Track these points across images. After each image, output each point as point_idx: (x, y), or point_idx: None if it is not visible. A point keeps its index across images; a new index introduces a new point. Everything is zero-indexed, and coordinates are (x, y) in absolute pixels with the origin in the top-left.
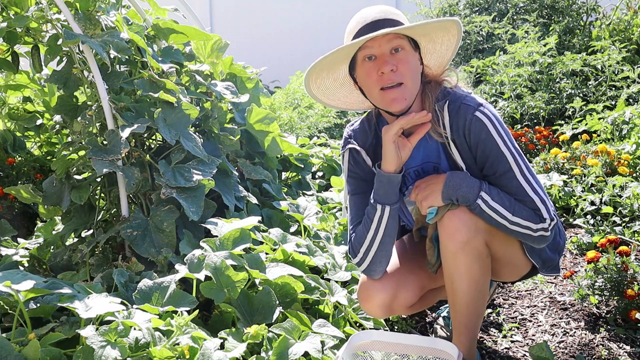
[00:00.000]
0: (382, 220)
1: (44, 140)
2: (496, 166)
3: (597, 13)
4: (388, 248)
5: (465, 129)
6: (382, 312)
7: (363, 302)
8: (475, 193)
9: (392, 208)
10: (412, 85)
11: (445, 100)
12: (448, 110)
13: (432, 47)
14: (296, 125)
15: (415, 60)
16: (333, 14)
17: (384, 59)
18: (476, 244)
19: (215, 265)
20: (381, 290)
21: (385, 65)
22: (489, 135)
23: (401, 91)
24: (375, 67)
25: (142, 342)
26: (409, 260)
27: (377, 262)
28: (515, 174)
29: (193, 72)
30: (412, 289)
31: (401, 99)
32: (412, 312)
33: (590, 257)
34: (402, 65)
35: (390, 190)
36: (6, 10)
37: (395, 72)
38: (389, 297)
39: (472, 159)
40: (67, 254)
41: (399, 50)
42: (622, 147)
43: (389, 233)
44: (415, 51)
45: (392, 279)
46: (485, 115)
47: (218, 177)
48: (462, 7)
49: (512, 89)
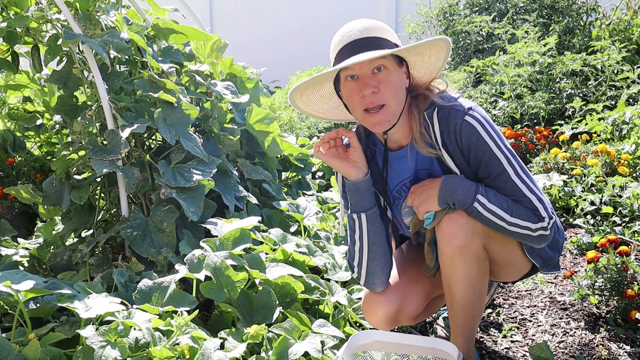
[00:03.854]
0: (362, 229)
1: (44, 140)
2: (490, 169)
3: (597, 13)
4: (380, 258)
5: (456, 134)
6: (388, 325)
7: (368, 315)
8: (472, 196)
9: (367, 214)
10: (395, 105)
11: (434, 107)
12: (437, 117)
13: (421, 59)
14: (296, 125)
15: (399, 77)
16: (333, 14)
17: (365, 81)
18: (473, 247)
19: (215, 265)
20: (386, 304)
21: (365, 87)
22: (480, 138)
23: (384, 113)
24: (357, 87)
25: (142, 342)
26: (410, 269)
27: (372, 273)
28: (510, 175)
29: (193, 72)
30: (417, 300)
31: (384, 122)
32: (418, 321)
33: (590, 257)
34: (384, 86)
35: (360, 197)
36: (6, 10)
37: (376, 94)
38: (394, 310)
39: (466, 164)
40: (67, 254)
41: (381, 70)
42: (622, 147)
43: (374, 241)
44: (401, 67)
45: (397, 291)
46: (474, 119)
47: (218, 177)
48: (462, 7)
49: (512, 89)
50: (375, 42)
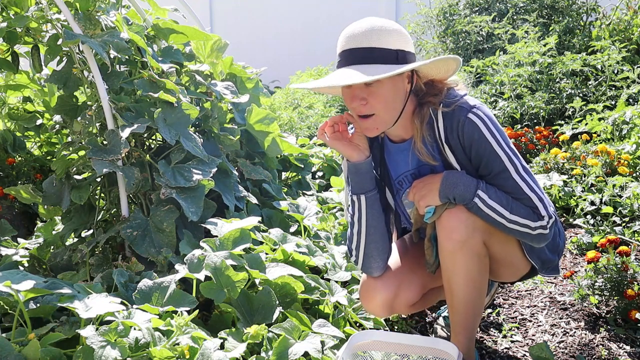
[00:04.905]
0: (361, 211)
1: (44, 140)
2: (491, 166)
3: (597, 13)
4: (378, 241)
5: (458, 131)
6: (384, 311)
7: (364, 301)
8: (472, 191)
9: (367, 197)
10: (386, 114)
11: (440, 103)
12: (442, 114)
13: (425, 68)
14: (296, 125)
15: (395, 87)
16: (333, 14)
17: (354, 93)
18: (474, 243)
19: (215, 265)
20: (383, 289)
21: (354, 100)
22: (481, 136)
23: (373, 122)
24: (348, 96)
25: (142, 342)
26: (410, 259)
27: (369, 256)
28: (511, 173)
29: (193, 72)
30: (413, 288)
31: (373, 129)
32: (414, 311)
33: (590, 257)
34: (373, 98)
35: (360, 179)
36: (6, 10)
37: (365, 105)
38: (390, 296)
39: (467, 160)
40: (67, 254)
41: (372, 82)
42: (622, 147)
43: (372, 224)
44: (400, 75)
45: (394, 278)
46: (477, 117)
47: (218, 177)
48: (462, 7)
49: (512, 89)
50: (373, 54)
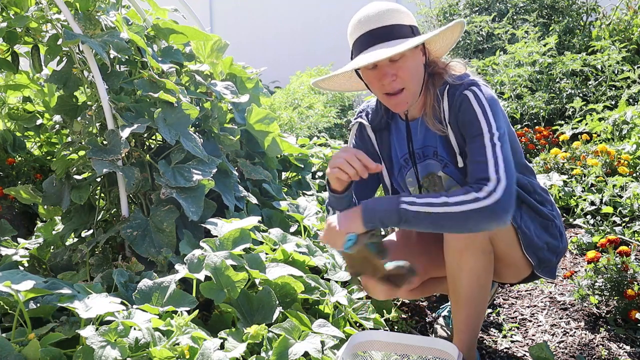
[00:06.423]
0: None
1: (44, 140)
2: (470, 130)
3: (597, 13)
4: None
5: (456, 108)
6: (384, 293)
7: (364, 279)
8: (395, 202)
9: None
10: (414, 87)
11: (446, 84)
12: (447, 94)
13: (437, 37)
14: (296, 125)
15: (416, 59)
16: (333, 14)
17: (383, 71)
18: (480, 239)
19: (215, 265)
20: None
21: (385, 77)
22: (469, 105)
23: (403, 96)
24: (377, 76)
25: (142, 342)
26: (411, 245)
27: None
28: (484, 138)
29: (193, 72)
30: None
31: (403, 103)
32: (413, 297)
33: (590, 257)
34: (402, 72)
35: (338, 203)
36: (6, 10)
37: (395, 81)
38: None
39: (462, 139)
40: (67, 254)
41: (398, 58)
42: (622, 147)
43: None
44: (417, 47)
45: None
46: (473, 92)
47: (218, 177)
48: (462, 7)
49: (512, 89)
50: (393, 31)
